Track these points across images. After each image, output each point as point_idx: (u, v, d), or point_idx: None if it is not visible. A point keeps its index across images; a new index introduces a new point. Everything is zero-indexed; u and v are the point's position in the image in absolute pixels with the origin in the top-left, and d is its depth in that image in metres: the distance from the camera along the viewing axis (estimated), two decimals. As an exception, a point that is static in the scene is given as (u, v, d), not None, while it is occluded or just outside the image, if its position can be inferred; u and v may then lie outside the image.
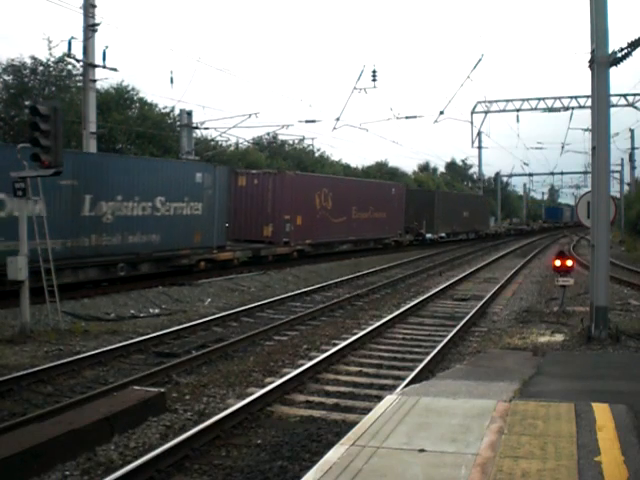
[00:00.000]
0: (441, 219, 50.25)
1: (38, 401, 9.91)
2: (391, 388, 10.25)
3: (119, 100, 39.95)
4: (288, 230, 31.13)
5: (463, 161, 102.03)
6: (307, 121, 36.35)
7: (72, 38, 23.57)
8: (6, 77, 36.12)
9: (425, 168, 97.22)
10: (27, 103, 14.49)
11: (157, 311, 18.42)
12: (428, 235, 48.27)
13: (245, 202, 30.32)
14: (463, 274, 27.69)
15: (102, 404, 8.99)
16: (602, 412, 7.19)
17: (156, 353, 13.22)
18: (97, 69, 24.37)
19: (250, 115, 33.93)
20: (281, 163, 51.24)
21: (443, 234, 51.55)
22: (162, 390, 9.89)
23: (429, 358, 12.06)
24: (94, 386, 10.66)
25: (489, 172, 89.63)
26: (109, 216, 21.18)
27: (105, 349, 12.91)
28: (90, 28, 23.62)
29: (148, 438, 8.38)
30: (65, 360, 11.94)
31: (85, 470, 7.30)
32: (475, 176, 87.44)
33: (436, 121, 41.91)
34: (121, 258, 21.55)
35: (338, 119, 35.51)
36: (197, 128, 34.19)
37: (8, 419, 8.82)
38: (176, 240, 23.80)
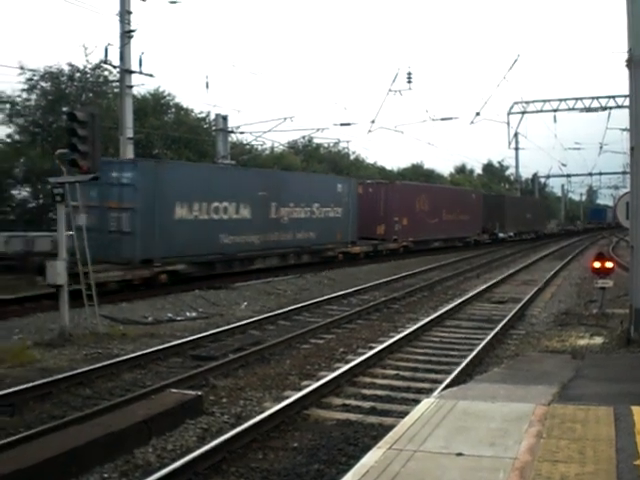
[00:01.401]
0: (510, 220, 56.71)
1: (77, 404, 10.00)
2: (428, 392, 10.17)
3: (155, 105, 40.31)
4: (397, 229, 38.08)
5: (500, 162, 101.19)
6: (342, 124, 36.37)
7: (108, 45, 23.86)
8: (44, 84, 36.61)
9: (461, 170, 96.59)
10: (65, 109, 14.71)
11: (194, 314, 18.52)
12: (500, 234, 54.76)
13: (362, 206, 35.22)
14: (501, 276, 27.46)
15: (140, 407, 9.04)
16: (642, 415, 7.07)
17: (193, 356, 13.26)
18: (133, 75, 24.64)
19: (285, 119, 34.08)
20: (316, 166, 51.27)
21: (511, 233, 57.68)
22: (199, 393, 9.91)
23: (467, 361, 11.95)
24: (132, 389, 10.73)
25: (526, 173, 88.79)
26: (285, 218, 28.38)
27: (143, 352, 13.00)
28: (126, 34, 23.88)
29: (185, 441, 8.40)
30: (103, 363, 12.04)
31: (123, 472, 7.34)
32: (512, 177, 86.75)
33: (472, 122, 41.51)
34: (291, 250, 28.88)
35: (373, 122, 35.50)
36: (232, 132, 34.40)
37: (48, 421, 8.91)
38: (325, 237, 31.04)
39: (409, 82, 33.55)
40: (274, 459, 7.82)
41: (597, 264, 17.00)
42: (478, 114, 38.55)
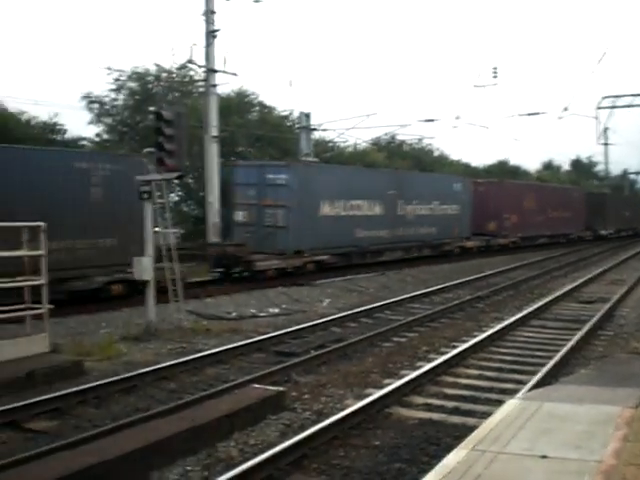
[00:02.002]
0: (610, 218, 57.44)
1: (161, 397, 10.17)
2: (513, 392, 9.94)
3: (239, 104, 40.76)
4: (507, 226, 40.02)
5: (588, 158, 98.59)
6: (426, 120, 36.04)
7: (194, 44, 24.24)
8: (131, 84, 37.50)
9: (548, 166, 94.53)
10: (152, 109, 15.12)
11: (277, 311, 18.64)
12: (602, 231, 55.67)
13: (474, 204, 37.26)
14: (589, 275, 26.74)
15: (223, 402, 9.14)
16: None
17: (276, 352, 13.34)
18: (218, 74, 24.95)
19: (368, 115, 34.05)
20: (400, 163, 50.95)
21: (612, 231, 58.33)
22: (282, 389, 9.96)
23: (553, 362, 11.65)
24: (215, 384, 10.84)
25: (616, 170, 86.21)
26: (410, 215, 31.18)
27: (226, 347, 13.14)
28: (211, 34, 24.22)
29: (267, 436, 8.44)
30: (187, 358, 12.23)
31: (206, 466, 7.41)
32: (601, 174, 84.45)
33: (560, 117, 40.57)
34: (414, 244, 31.78)
35: (458, 117, 35.06)
36: (315, 130, 34.51)
37: (133, 414, 9.09)
38: (444, 232, 33.42)
39: (495, 77, 33.02)
40: (355, 457, 7.78)
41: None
42: (566, 109, 37.73)
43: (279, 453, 7.35)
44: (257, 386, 10.02)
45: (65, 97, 75.75)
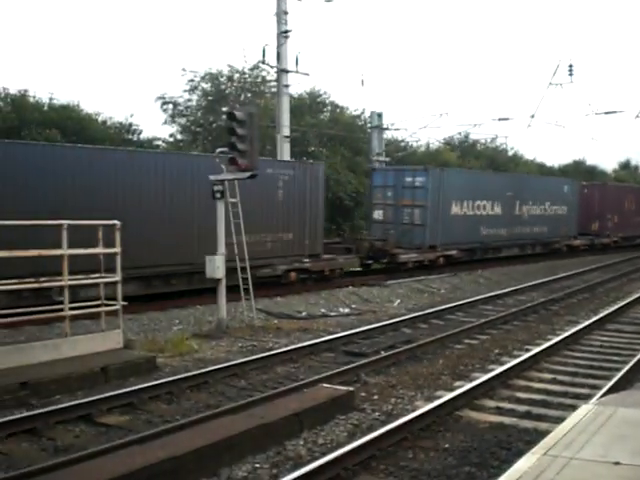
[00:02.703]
0: None
1: (231, 394, 10.26)
2: (586, 397, 9.73)
3: (311, 104, 40.91)
4: (609, 226, 41.83)
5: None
6: (499, 119, 35.53)
7: (266, 45, 24.40)
8: (205, 85, 38.02)
9: (626, 166, 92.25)
10: (224, 109, 15.30)
11: (347, 310, 18.64)
12: None
13: (579, 205, 39.15)
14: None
15: (292, 400, 9.16)
16: None
17: (345, 352, 13.33)
18: (290, 74, 25.07)
19: (441, 115, 33.79)
20: (473, 163, 50.41)
21: None
22: (351, 389, 9.93)
23: (628, 367, 11.35)
24: (285, 382, 10.89)
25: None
26: (525, 215, 33.50)
27: (296, 346, 13.21)
28: (283, 35, 24.34)
29: (336, 436, 8.43)
30: (258, 356, 12.33)
31: (274, 463, 7.44)
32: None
33: (637, 116, 39.35)
34: (528, 242, 34.12)
35: (533, 116, 34.33)
36: (387, 129, 34.38)
37: (203, 411, 9.19)
38: (554, 231, 35.80)
39: (570, 75, 32.21)
40: (424, 459, 7.70)
41: None
42: (644, 108, 36.56)
43: (347, 453, 7.32)
44: (326, 385, 10.02)
45: (141, 98, 77.25)
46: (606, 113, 36.94)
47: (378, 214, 28.27)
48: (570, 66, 32.32)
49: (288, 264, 21.08)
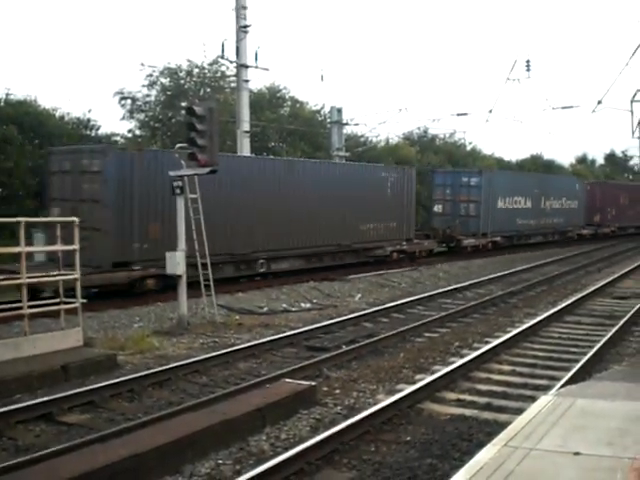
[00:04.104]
0: None
1: (194, 391, 10.24)
2: (546, 389, 9.87)
3: (271, 99, 40.77)
4: (608, 218, 48.56)
5: (623, 152, 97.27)
6: (458, 114, 35.79)
7: (225, 40, 24.27)
8: (164, 80, 37.68)
9: (582, 160, 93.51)
10: (183, 104, 15.26)
11: (308, 305, 18.66)
12: None
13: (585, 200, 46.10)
14: (622, 271, 26.40)
15: (254, 396, 9.18)
16: None
17: (307, 347, 13.36)
18: (249, 69, 24.97)
19: (400, 110, 33.89)
20: (432, 158, 50.68)
21: None
22: (313, 384, 9.97)
23: (586, 358, 11.53)
24: (247, 378, 10.89)
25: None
26: (548, 208, 40.40)
27: (258, 342, 13.20)
28: (242, 29, 24.21)
29: (299, 430, 8.46)
30: (220, 352, 12.31)
31: (237, 459, 7.45)
32: (636, 168, 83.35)
33: (594, 111, 39.85)
34: (549, 231, 41.22)
35: (491, 111, 34.57)
36: (347, 125, 34.41)
37: (165, 408, 9.15)
38: (568, 222, 42.46)
39: (528, 70, 32.51)
40: (386, 452, 7.76)
41: None
42: (600, 102, 36.88)
43: (310, 448, 7.36)
44: (289, 380, 10.04)
45: (99, 94, 76.39)
46: (563, 108, 37.44)
47: (438, 208, 34.93)
48: (527, 61, 32.63)
49: (393, 246, 27.43)
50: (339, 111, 33.02)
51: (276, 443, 7.99)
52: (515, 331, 14.04)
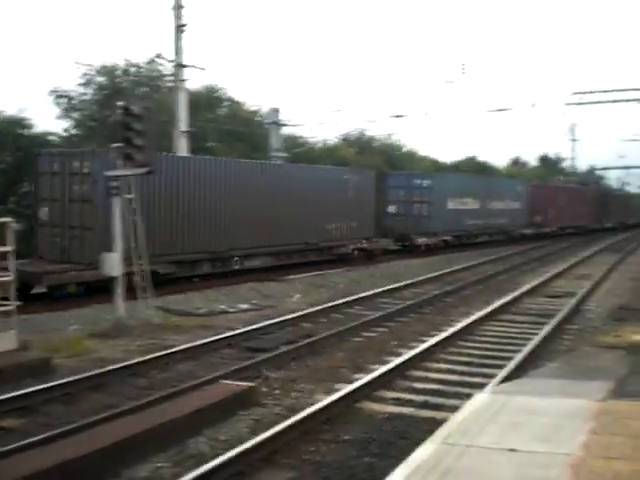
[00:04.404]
0: (612, 212, 70.11)
1: (131, 394, 10.12)
2: (482, 386, 10.04)
3: (209, 99, 40.50)
4: (549, 218, 51.53)
5: (556, 154, 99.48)
6: (395, 116, 36.17)
7: (163, 39, 24.12)
8: (100, 79, 37.10)
9: (516, 162, 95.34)
10: (119, 103, 15.11)
11: (247, 306, 18.61)
12: (608, 224, 67.27)
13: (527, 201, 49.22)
14: (556, 270, 27.03)
15: (193, 397, 9.14)
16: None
17: (246, 348, 13.33)
18: (187, 69, 24.82)
19: (338, 111, 34.13)
20: (369, 159, 51.03)
21: (613, 223, 69.87)
22: (252, 384, 9.97)
23: (521, 356, 11.79)
24: (185, 380, 10.80)
25: (583, 165, 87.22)
26: (494, 209, 42.97)
27: (196, 343, 13.11)
28: (180, 28, 24.06)
29: (238, 432, 8.45)
30: (157, 354, 12.18)
31: (176, 462, 7.41)
32: (568, 170, 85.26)
33: (528, 113, 40.84)
34: (495, 230, 43.67)
35: (427, 113, 35.18)
36: (285, 125, 34.44)
37: (103, 411, 9.02)
38: (512, 222, 45.44)
39: (463, 73, 33.15)
40: (326, 451, 7.82)
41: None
42: (534, 105, 37.72)
43: (250, 449, 7.36)
44: (227, 382, 10.03)
45: (34, 92, 74.87)
46: (497, 110, 38.21)
47: (392, 208, 36.69)
48: (463, 65, 33.25)
49: (354, 244, 29.17)
50: (276, 112, 33.05)
51: (216, 445, 7.97)
52: (452, 330, 14.28)
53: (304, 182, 26.41)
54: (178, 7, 24.05)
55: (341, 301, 18.64)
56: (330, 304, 18.14)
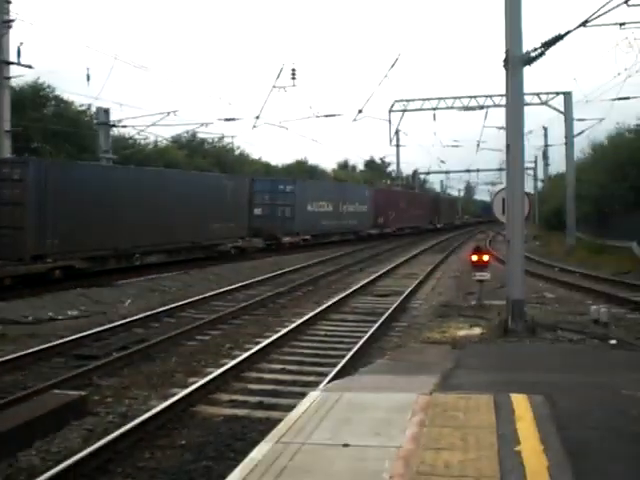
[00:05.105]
0: (442, 214, 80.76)
1: (-46, 408, 9.64)
2: (315, 385, 10.31)
3: (34, 98, 38.93)
4: (390, 219, 57.78)
5: (382, 159, 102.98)
6: (226, 119, 36.11)
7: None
8: None
9: (344, 166, 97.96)
10: None
11: (76, 313, 18.07)
12: (438, 225, 76.62)
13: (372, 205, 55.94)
14: (383, 270, 28.04)
15: (22, 409, 8.81)
16: (520, 403, 7.38)
17: (76, 356, 12.97)
18: (12, 66, 23.78)
19: (169, 113, 33.63)
20: (200, 161, 50.80)
21: (441, 224, 78.86)
22: (83, 393, 9.74)
23: (351, 354, 12.20)
24: (13, 391, 10.37)
25: (407, 169, 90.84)
26: (345, 212, 48.63)
27: (23, 353, 12.60)
28: (5, 24, 23.01)
29: (70, 442, 8.25)
30: (-19, 365, 11.64)
31: (7, 477, 7.16)
32: (394, 174, 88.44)
33: (355, 119, 41.91)
34: (346, 230, 49.53)
35: (258, 117, 35.29)
36: (114, 126, 33.67)
37: None
38: (361, 223, 51.70)
39: (293, 78, 33.57)
40: (162, 457, 7.80)
41: (475, 257, 17.57)
42: (360, 111, 38.73)
43: (83, 459, 7.23)
44: (57, 392, 9.74)
45: None
46: (326, 116, 39.05)
47: (258, 211, 38.74)
48: (293, 70, 33.69)
49: (232, 243, 32.77)
50: (106, 112, 32.19)
51: (47, 457, 7.75)
52: (284, 330, 14.54)
53: (190, 187, 29.29)
54: (4, 2, 22.97)
55: (174, 305, 18.49)
56: (163, 308, 17.97)
